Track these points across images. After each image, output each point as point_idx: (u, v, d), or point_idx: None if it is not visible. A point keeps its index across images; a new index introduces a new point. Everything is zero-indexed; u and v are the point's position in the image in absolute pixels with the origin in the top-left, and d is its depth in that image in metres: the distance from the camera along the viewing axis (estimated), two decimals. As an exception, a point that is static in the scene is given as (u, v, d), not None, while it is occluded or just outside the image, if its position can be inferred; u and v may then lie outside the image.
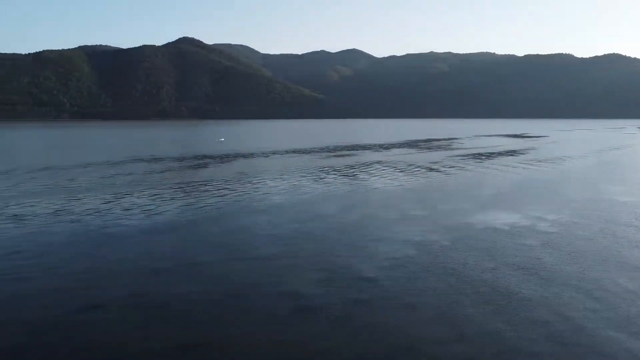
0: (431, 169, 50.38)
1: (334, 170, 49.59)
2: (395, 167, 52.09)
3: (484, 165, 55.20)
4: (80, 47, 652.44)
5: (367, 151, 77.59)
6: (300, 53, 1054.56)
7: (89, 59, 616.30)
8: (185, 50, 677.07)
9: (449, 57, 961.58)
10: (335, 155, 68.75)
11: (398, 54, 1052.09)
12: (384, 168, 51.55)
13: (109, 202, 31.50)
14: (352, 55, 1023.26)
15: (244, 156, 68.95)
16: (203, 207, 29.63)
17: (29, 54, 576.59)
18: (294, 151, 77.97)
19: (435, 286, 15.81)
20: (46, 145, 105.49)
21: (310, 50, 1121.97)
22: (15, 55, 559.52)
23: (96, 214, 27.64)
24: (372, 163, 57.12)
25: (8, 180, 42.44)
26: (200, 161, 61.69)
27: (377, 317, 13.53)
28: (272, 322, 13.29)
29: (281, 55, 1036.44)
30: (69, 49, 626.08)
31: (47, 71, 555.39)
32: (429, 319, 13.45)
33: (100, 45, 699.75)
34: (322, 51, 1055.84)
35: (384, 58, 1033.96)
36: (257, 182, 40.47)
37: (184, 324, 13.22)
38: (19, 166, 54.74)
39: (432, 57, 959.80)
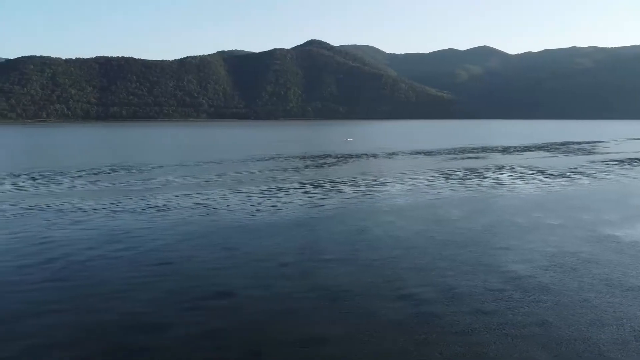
0: (568, 175, 46.34)
1: (461, 173, 47.84)
2: (528, 172, 48.79)
3: (635, 172, 49.45)
4: (218, 53, 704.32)
5: (497, 154, 73.66)
6: (427, 52, 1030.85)
7: (225, 63, 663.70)
8: (312, 53, 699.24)
9: (593, 52, 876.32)
10: (462, 158, 66.29)
11: (534, 50, 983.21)
12: (516, 172, 48.53)
13: (239, 197, 33.64)
14: (483, 53, 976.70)
15: (369, 156, 69.41)
16: (326, 205, 30.35)
17: (175, 60, 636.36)
18: (420, 152, 76.66)
19: (562, 299, 14.50)
20: (187, 143, 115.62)
21: (438, 49, 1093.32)
22: (164, 62, 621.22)
23: (227, 208, 29.68)
24: (502, 167, 54.10)
25: (159, 176, 47.28)
26: (326, 160, 63.28)
27: (504, 331, 12.76)
28: (392, 326, 13.19)
29: (407, 54, 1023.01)
30: (208, 55, 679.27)
31: (190, 75, 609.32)
32: (555, 339, 12.37)
33: (236, 50, 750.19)
34: (450, 49, 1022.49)
35: (518, 55, 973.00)
36: (381, 183, 40.49)
37: (304, 319, 13.66)
38: (168, 162, 60.77)
39: (573, 52, 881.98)
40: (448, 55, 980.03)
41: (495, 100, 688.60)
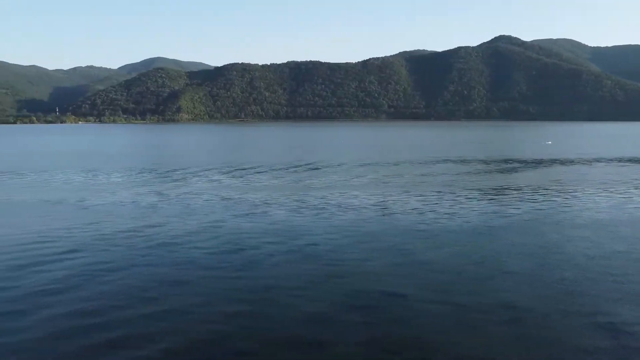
0: None
1: (679, 185, 40.37)
2: None
3: None
4: (400, 53, 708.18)
5: None
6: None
7: (407, 63, 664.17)
8: (500, 49, 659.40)
9: None
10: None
11: None
12: None
13: (416, 200, 33.15)
14: None
15: (565, 162, 62.56)
16: (511, 215, 28.17)
17: (358, 62, 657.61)
18: (630, 160, 66.84)
19: None
20: (366, 143, 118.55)
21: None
22: (347, 64, 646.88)
23: (403, 211, 29.45)
24: None
25: (338, 174, 49.33)
26: (513, 165, 59.00)
27: None
28: (583, 357, 11.58)
29: (615, 47, 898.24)
30: (390, 56, 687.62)
31: (371, 76, 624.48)
32: None
33: (418, 50, 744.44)
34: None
35: None
36: (578, 193, 36.14)
37: (481, 336, 12.74)
38: (347, 161, 63.12)
39: None
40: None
41: None
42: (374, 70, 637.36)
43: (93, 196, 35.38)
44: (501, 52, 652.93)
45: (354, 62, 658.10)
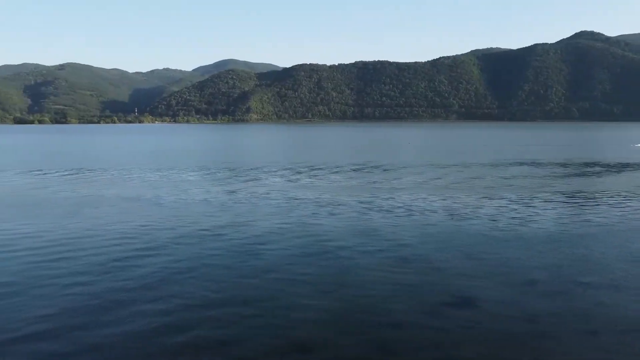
0: None
1: None
2: None
3: None
4: (472, 52, 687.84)
5: None
6: None
7: (479, 62, 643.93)
8: (581, 46, 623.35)
9: None
10: None
11: None
12: None
13: (486, 203, 31.88)
14: None
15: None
16: (591, 221, 26.34)
17: (427, 61, 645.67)
18: None
19: None
20: (434, 144, 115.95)
21: None
22: (416, 64, 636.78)
23: (473, 214, 28.37)
24: None
25: (407, 176, 48.49)
26: (593, 168, 55.42)
27: None
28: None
29: None
30: (461, 54, 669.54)
31: (441, 76, 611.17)
32: None
33: (491, 48, 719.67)
34: None
35: None
36: (664, 199, 33.36)
37: (559, 346, 11.92)
38: (415, 163, 61.92)
39: None
40: None
41: None
42: (444, 69, 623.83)
43: (168, 193, 36.72)
44: (582, 48, 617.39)
45: (423, 61, 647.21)
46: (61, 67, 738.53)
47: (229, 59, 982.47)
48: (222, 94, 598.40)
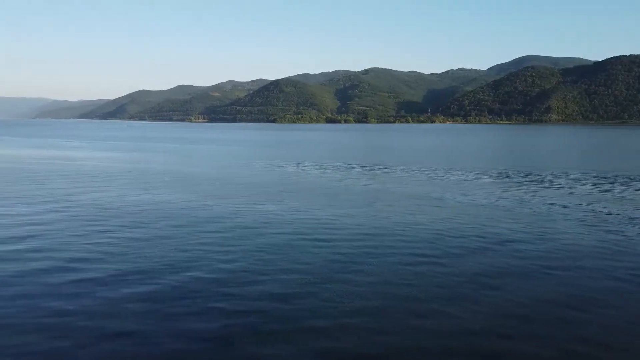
0: None
1: None
2: None
3: None
4: None
5: None
6: None
7: None
8: None
9: None
10: None
11: None
12: None
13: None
14: None
15: None
16: None
17: None
18: None
19: None
20: None
21: None
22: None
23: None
24: None
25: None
26: None
27: None
28: None
29: None
30: None
31: None
32: None
33: None
34: None
35: None
36: None
37: None
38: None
39: None
40: None
41: None
42: None
43: (454, 193, 33.84)
44: None
45: None
46: (365, 71, 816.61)
47: (529, 55, 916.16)
48: (519, 93, 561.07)
